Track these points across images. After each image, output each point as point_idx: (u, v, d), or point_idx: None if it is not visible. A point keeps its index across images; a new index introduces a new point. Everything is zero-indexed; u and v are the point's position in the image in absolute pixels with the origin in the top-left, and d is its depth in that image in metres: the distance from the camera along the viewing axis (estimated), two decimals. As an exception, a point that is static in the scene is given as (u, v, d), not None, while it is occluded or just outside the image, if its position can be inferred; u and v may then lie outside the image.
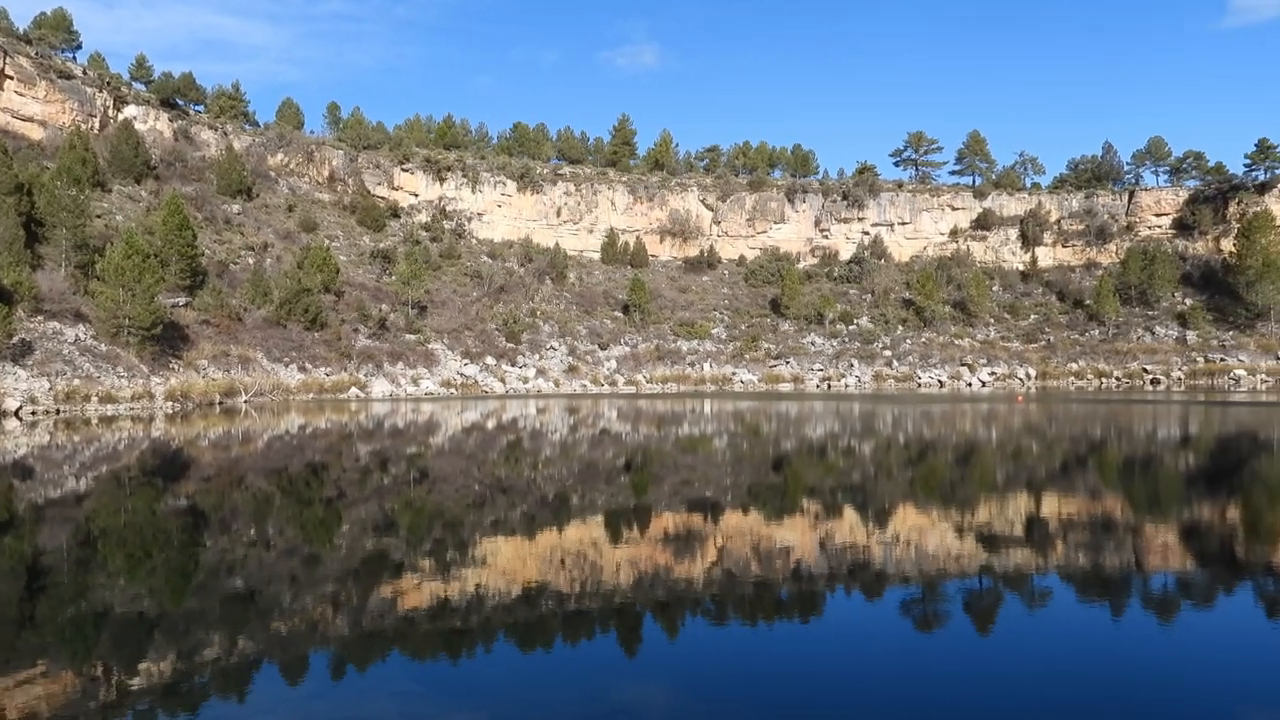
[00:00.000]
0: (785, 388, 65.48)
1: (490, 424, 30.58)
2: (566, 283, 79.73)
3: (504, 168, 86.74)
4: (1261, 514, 11.90)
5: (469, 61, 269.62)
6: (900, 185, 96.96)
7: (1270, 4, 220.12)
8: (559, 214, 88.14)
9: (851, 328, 78.95)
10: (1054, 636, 6.56)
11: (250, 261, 59.00)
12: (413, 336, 60.96)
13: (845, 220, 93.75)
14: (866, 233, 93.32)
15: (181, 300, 48.48)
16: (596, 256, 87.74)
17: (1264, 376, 67.52)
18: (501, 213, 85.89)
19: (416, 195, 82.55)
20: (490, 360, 62.59)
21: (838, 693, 5.48)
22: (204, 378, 43.36)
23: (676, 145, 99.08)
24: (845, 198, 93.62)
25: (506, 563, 9.15)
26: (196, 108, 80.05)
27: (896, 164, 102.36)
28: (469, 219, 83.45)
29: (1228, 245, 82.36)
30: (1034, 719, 4.99)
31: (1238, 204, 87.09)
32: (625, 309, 76.64)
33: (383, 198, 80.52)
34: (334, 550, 9.95)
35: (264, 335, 50.80)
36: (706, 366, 70.42)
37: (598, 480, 15.80)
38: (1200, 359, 71.96)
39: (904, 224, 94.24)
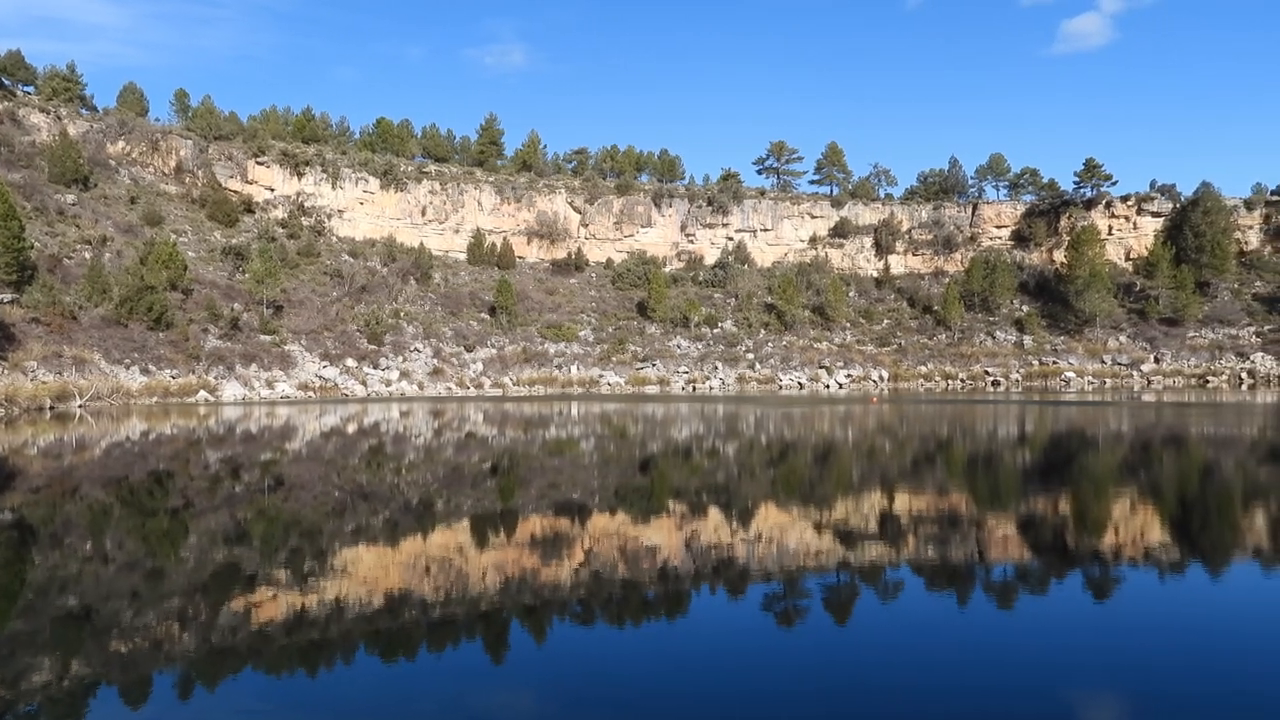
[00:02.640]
0: (652, 390, 66.20)
1: (351, 428, 29.63)
2: (431, 283, 78.16)
3: (366, 164, 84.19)
4: (1088, 506, 12.82)
5: (330, 52, 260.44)
6: (763, 193, 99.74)
7: (1094, 34, 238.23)
8: (424, 213, 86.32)
9: (716, 331, 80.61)
10: (905, 626, 6.87)
11: (87, 256, 55.07)
12: (268, 337, 58.37)
13: (710, 225, 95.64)
14: (731, 238, 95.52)
15: (7, 297, 44.82)
16: (463, 257, 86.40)
17: (1090, 378, 73.05)
18: (363, 210, 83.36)
19: (272, 190, 79.09)
20: (351, 362, 60.65)
21: (702, 691, 5.57)
22: (32, 380, 40.20)
23: (545, 147, 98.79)
24: (710, 203, 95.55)
25: (368, 571, 8.88)
26: (25, 88, 74.18)
27: (759, 172, 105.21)
28: (329, 216, 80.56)
29: (1059, 256, 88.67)
30: (885, 704, 5.21)
31: (1068, 218, 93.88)
32: (492, 310, 75.78)
33: (236, 192, 76.74)
34: (180, 563, 9.41)
35: (102, 335, 47.53)
36: (574, 369, 70.42)
37: (463, 484, 15.54)
38: (1035, 362, 77.12)
39: (766, 230, 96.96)
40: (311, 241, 75.37)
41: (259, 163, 78.76)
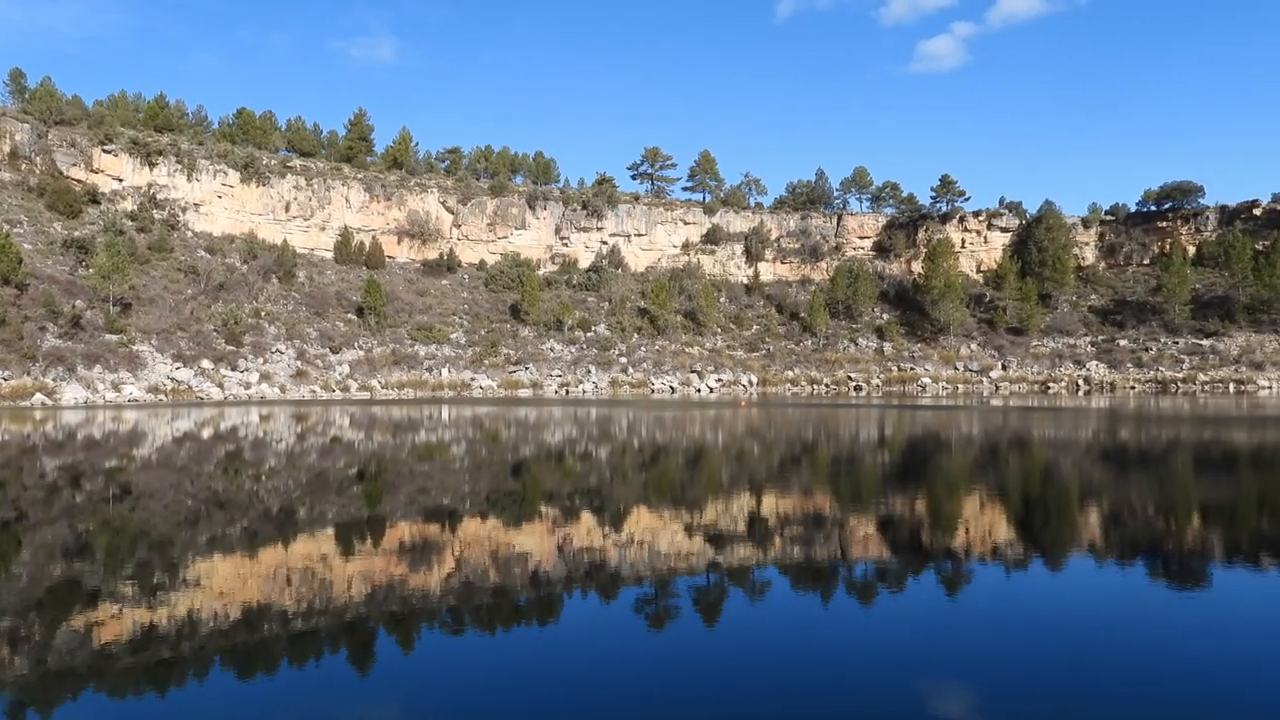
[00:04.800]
0: (524, 393, 65.75)
1: (206, 433, 28.21)
2: (295, 282, 75.29)
3: (226, 156, 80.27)
4: (941, 505, 13.49)
5: (187, 38, 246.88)
6: (637, 198, 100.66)
7: (948, 56, 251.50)
8: (288, 209, 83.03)
9: (589, 335, 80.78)
10: (771, 626, 7.06)
11: (-95, 246, 50.52)
12: (114, 337, 54.91)
13: (585, 229, 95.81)
14: (605, 242, 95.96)
15: None
16: (329, 255, 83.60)
17: (945, 384, 76.98)
18: (222, 204, 79.43)
19: (121, 180, 74.34)
20: (207, 364, 57.73)
21: (574, 696, 5.56)
22: None
23: (417, 144, 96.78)
24: (585, 207, 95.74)
25: (224, 583, 8.47)
26: None
27: (634, 177, 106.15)
28: (184, 209, 76.32)
29: (917, 267, 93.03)
30: (751, 701, 5.33)
31: (925, 231, 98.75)
32: (359, 311, 73.63)
33: (79, 180, 71.83)
34: (12, 580, 8.73)
35: (-78, 332, 43.71)
36: (445, 372, 69.20)
37: (328, 491, 15.03)
38: (895, 368, 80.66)
39: (640, 235, 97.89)
40: (164, 236, 71.35)
41: (106, 150, 73.94)
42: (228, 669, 6.09)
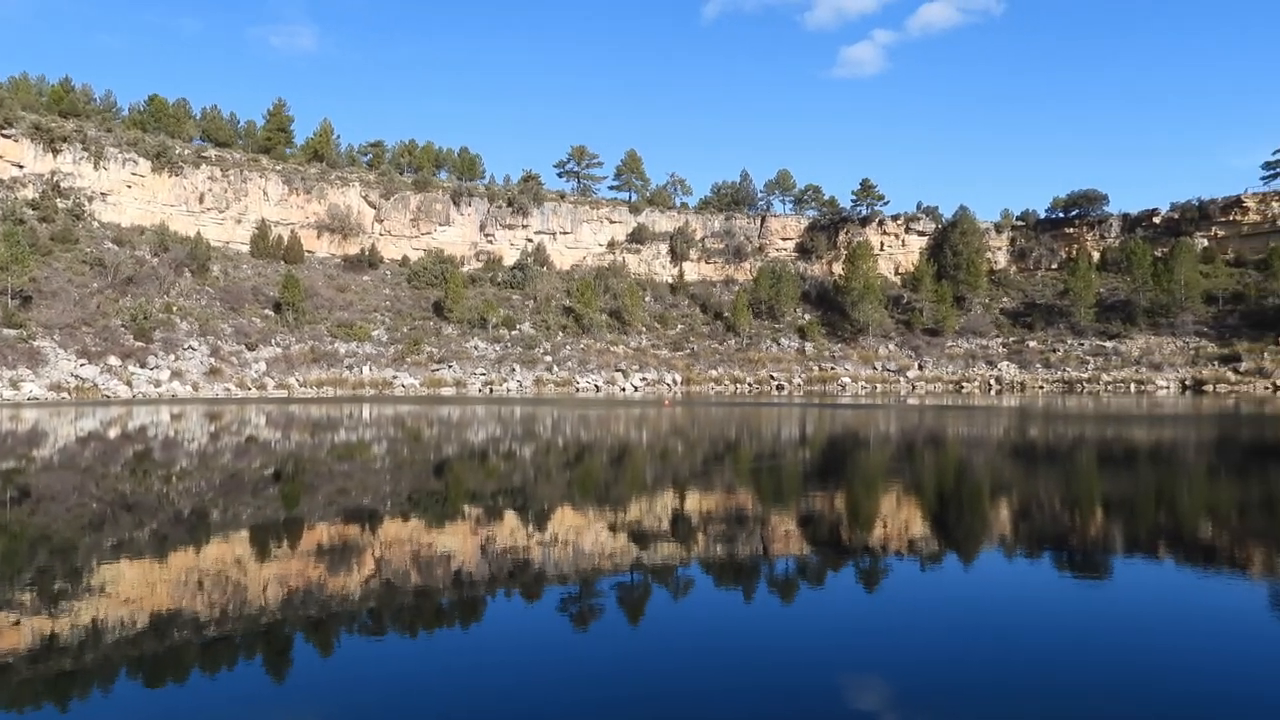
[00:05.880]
0: (448, 392, 64.96)
1: (113, 432, 27.16)
2: (209, 276, 73.01)
3: (136, 144, 77.21)
4: (860, 502, 13.80)
5: (93, 17, 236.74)
6: (563, 196, 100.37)
7: (869, 62, 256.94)
8: (202, 200, 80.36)
9: (514, 333, 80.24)
10: (693, 627, 7.13)
11: None
12: (13, 331, 52.42)
13: (510, 226, 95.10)
14: (530, 240, 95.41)
15: None
16: (245, 249, 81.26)
17: (864, 383, 78.69)
18: (131, 194, 76.41)
19: (21, 167, 70.84)
20: (114, 361, 55.55)
21: (496, 699, 5.53)
22: None
23: (338, 137, 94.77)
24: (510, 204, 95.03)
25: (131, 590, 8.17)
26: None
27: (560, 175, 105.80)
28: (90, 199, 73.10)
29: (838, 269, 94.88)
30: (673, 704, 5.38)
31: (845, 234, 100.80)
32: (277, 307, 71.77)
33: (-26, 167, 68.38)
34: (-101, 588, 8.26)
35: None
36: (366, 370, 67.92)
37: (242, 492, 14.62)
38: (816, 368, 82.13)
39: (566, 233, 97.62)
40: (69, 226, 68.36)
41: (5, 135, 70.42)
42: (135, 679, 5.88)
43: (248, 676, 5.96)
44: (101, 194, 74.12)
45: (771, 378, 79.16)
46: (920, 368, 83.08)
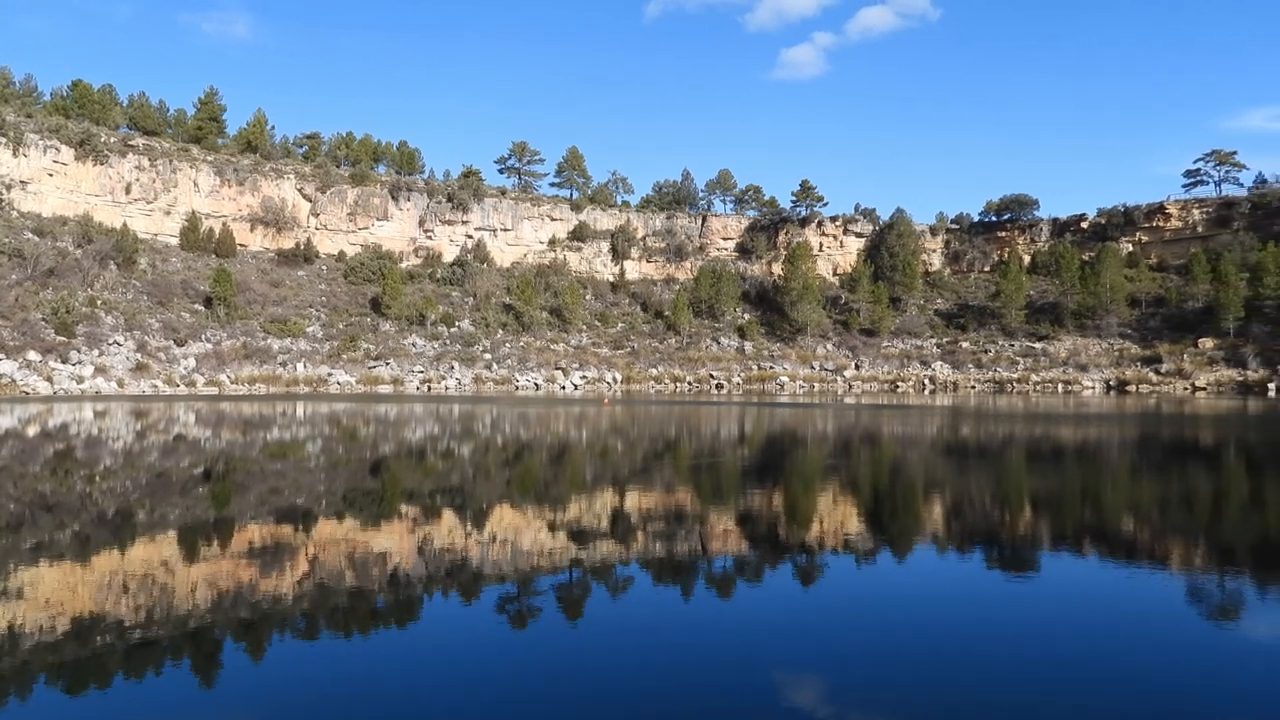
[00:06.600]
0: (385, 389, 64.08)
1: (32, 430, 26.20)
2: (137, 269, 70.88)
3: (58, 131, 74.51)
4: (797, 500, 13.96)
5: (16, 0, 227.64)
6: (504, 192, 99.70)
7: (809, 64, 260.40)
8: (129, 190, 77.99)
9: (453, 330, 79.46)
10: (630, 626, 7.14)
11: None
12: (-76, 324, 50.23)
13: (449, 222, 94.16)
14: (470, 236, 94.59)
15: None
16: (174, 242, 79.12)
17: (801, 383, 79.70)
18: (53, 183, 73.77)
19: (-67, 153, 68.06)
20: (34, 356, 53.57)
21: (432, 698, 5.47)
22: None
23: (273, 128, 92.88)
24: (450, 200, 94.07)
25: (51, 593, 7.88)
26: None
27: (501, 171, 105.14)
28: (8, 187, 70.40)
29: (778, 269, 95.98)
30: (615, 704, 5.38)
31: (785, 234, 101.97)
32: (208, 301, 70.01)
33: (-117, 152, 65.32)
34: None
35: None
36: (300, 367, 66.62)
37: (170, 492, 14.21)
38: (755, 367, 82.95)
39: (506, 230, 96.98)
40: (-15, 215, 65.77)
41: (-84, 120, 67.52)
42: (54, 686, 5.68)
43: (175, 682, 5.79)
44: (21, 182, 71.43)
45: (711, 376, 79.71)
46: (857, 367, 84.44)
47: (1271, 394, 63.77)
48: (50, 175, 73.66)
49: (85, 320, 60.13)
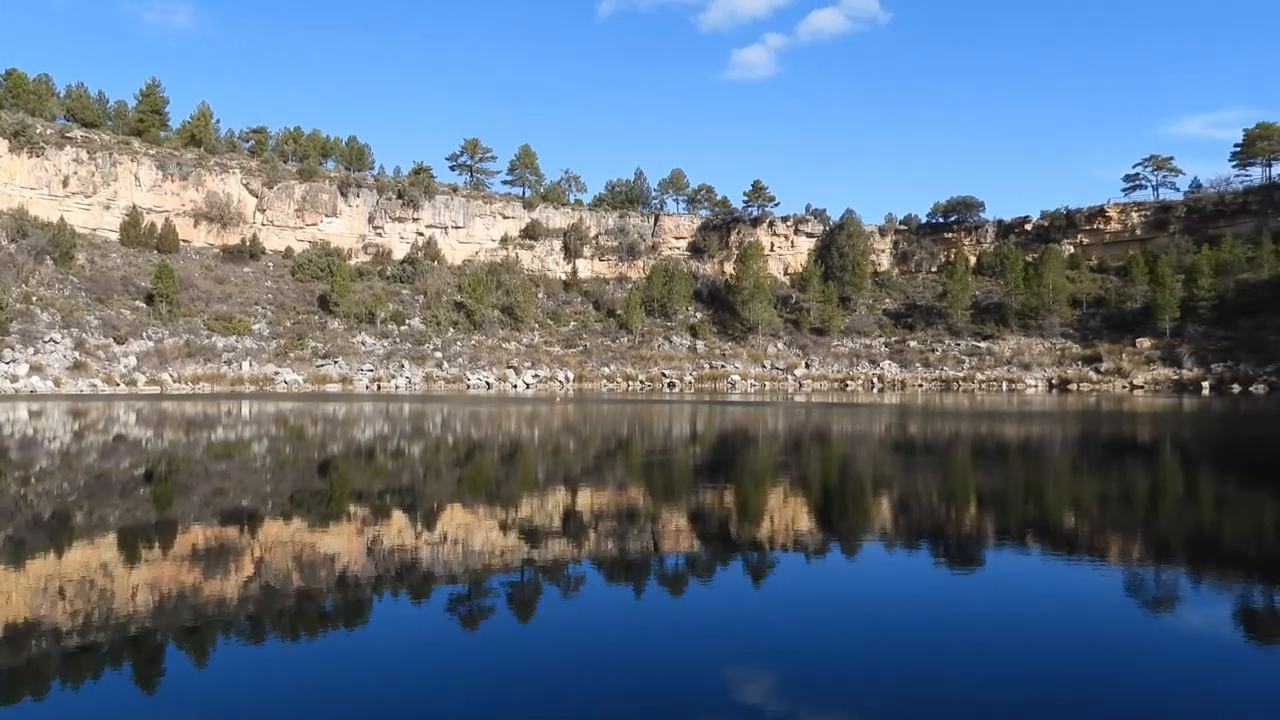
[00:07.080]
0: (333, 388, 63.18)
1: (-37, 430, 25.36)
2: (74, 265, 68.94)
3: (-9, 122, 72.25)
4: (748, 497, 14.07)
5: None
6: (455, 189, 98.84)
7: (760, 65, 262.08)
8: (66, 184, 75.78)
9: (403, 328, 78.60)
10: (583, 625, 7.14)
11: None
12: None
13: (400, 219, 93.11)
14: (421, 233, 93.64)
15: None
16: (114, 237, 77.10)
17: (753, 381, 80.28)
18: (-14, 176, 71.49)
19: None
20: (-35, 353, 51.86)
21: (382, 700, 5.41)
22: None
23: (218, 121, 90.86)
24: (400, 196, 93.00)
25: (-17, 598, 7.63)
26: None
27: (453, 168, 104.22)
28: (-63, 180, 68.13)
29: (730, 269, 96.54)
30: (567, 703, 5.38)
31: (737, 234, 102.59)
32: (150, 299, 68.35)
33: None
34: None
35: None
36: (246, 365, 65.37)
37: (109, 494, 13.85)
38: (707, 365, 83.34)
39: (458, 228, 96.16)
40: (-87, 208, 63.47)
41: None
42: (-13, 693, 5.50)
43: (115, 688, 5.65)
44: (-48, 175, 69.05)
45: (663, 375, 79.91)
46: (807, 366, 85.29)
47: (1205, 392, 65.81)
48: (-17, 168, 71.44)
49: (19, 317, 58.35)
